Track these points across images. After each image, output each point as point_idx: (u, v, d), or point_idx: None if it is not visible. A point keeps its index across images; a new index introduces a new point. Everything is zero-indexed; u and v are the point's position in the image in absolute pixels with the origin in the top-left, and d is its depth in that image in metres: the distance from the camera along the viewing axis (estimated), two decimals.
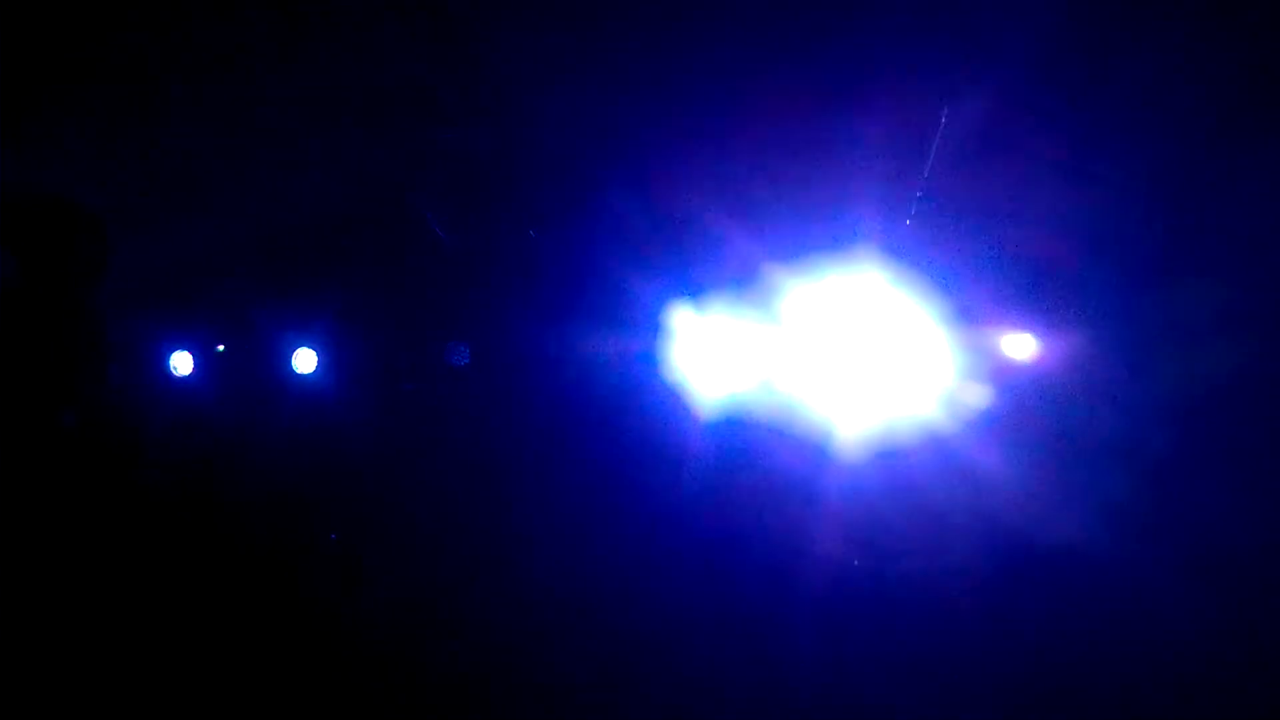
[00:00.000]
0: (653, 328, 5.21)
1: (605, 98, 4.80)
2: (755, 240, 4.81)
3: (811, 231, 4.55)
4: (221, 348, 6.29)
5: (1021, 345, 4.26)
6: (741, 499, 4.94)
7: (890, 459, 3.53)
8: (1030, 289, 4.21)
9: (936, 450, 3.47)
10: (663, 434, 5.16)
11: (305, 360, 6.06)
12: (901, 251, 4.00)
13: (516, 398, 3.71)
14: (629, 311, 5.52)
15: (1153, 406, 3.86)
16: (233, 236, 5.95)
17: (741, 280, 5.08)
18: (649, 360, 5.19)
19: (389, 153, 5.18)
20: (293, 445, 5.62)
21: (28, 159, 4.74)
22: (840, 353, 4.14)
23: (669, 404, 4.99)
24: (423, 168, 5.26)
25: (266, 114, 5.09)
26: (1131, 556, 3.61)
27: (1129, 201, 4.36)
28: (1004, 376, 3.96)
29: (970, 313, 3.98)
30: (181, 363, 6.27)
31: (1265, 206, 4.16)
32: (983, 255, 4.13)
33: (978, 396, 3.69)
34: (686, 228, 5.18)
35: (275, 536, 4.49)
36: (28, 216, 3.37)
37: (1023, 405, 3.76)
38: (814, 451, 3.96)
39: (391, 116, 5.00)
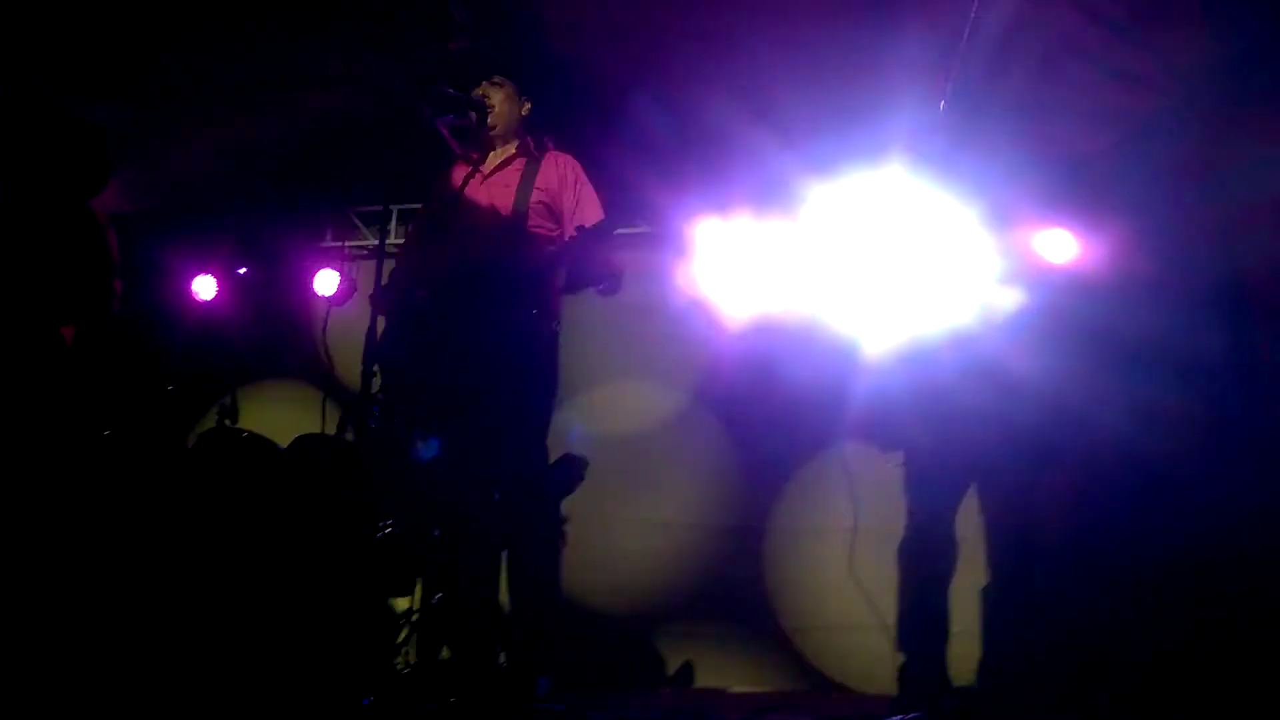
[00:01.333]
0: (679, 241, 5.13)
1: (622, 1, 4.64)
2: (782, 146, 4.67)
3: (839, 135, 4.40)
4: (244, 270, 6.30)
5: (1057, 242, 4.10)
6: (768, 410, 4.90)
7: (920, 365, 3.44)
8: (1067, 184, 4.05)
9: (967, 356, 3.37)
10: (691, 347, 5.12)
11: (326, 282, 6.06)
12: (931, 153, 3.84)
13: (542, 313, 3.63)
14: (654, 225, 5.44)
15: (1194, 304, 3.73)
16: (248, 156, 5.92)
17: (769, 188, 4.96)
18: (674, 274, 5.13)
19: (401, 65, 5.05)
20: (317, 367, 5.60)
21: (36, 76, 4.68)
22: (869, 259, 4.02)
23: (697, 317, 4.94)
24: (435, 80, 5.14)
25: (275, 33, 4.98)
26: (1170, 461, 3.51)
27: (1169, 95, 4.17)
28: (1038, 277, 3.84)
29: (1004, 213, 3.83)
30: (204, 287, 6.29)
31: None
32: (1016, 153, 3.97)
33: (1010, 299, 3.57)
34: (709, 136, 5.05)
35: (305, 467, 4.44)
36: (23, 125, 3.31)
37: (1058, 306, 3.64)
38: (843, 360, 3.88)
39: (402, 29, 4.87)
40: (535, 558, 3.63)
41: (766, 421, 5.05)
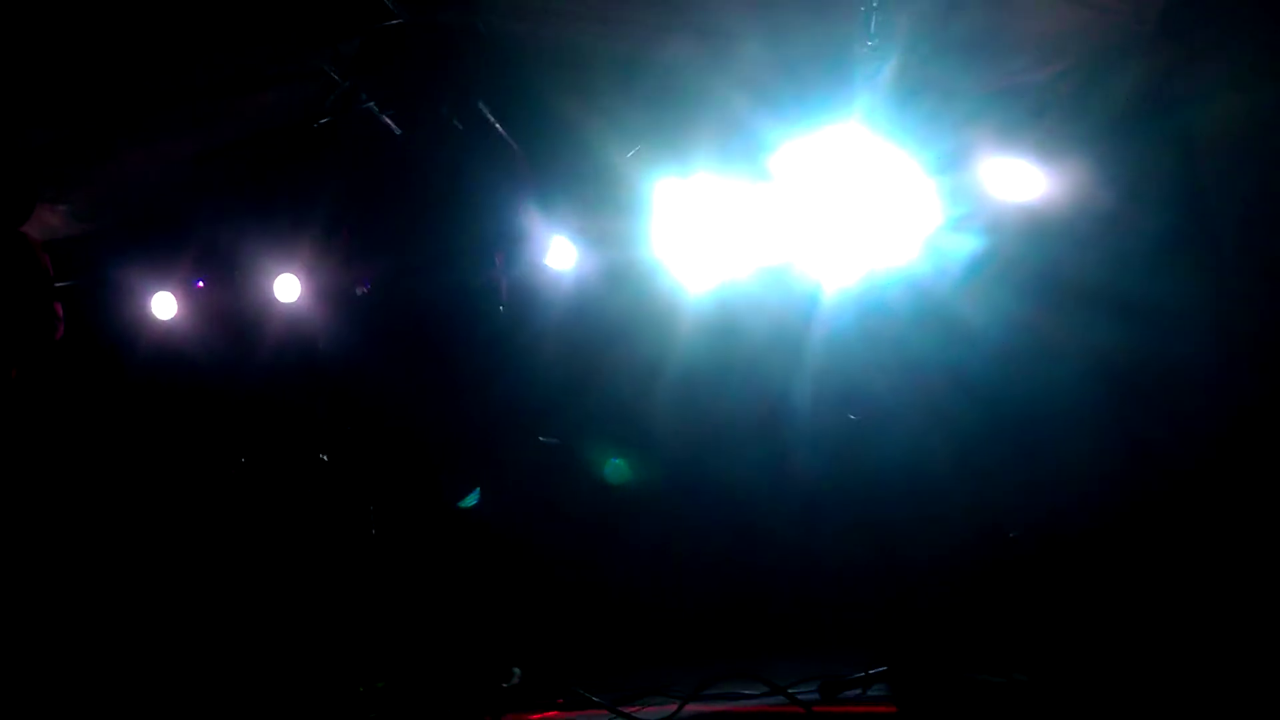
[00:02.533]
0: (636, 203, 5.02)
1: None
2: (742, 97, 4.55)
3: (797, 83, 4.28)
4: (201, 283, 6.19)
5: (1014, 179, 3.99)
6: (730, 362, 4.80)
7: (875, 313, 3.35)
8: (1025, 118, 3.93)
9: (921, 301, 3.27)
10: (652, 306, 5.01)
11: (287, 287, 5.94)
12: (886, 99, 3.73)
13: (502, 285, 3.54)
14: (612, 190, 5.33)
15: (1154, 245, 3.60)
16: (196, 163, 5.81)
17: (726, 142, 4.85)
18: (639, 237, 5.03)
19: (340, 58, 4.94)
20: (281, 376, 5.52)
21: None
22: (824, 208, 3.92)
23: (658, 277, 4.83)
24: (377, 70, 5.04)
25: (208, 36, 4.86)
26: (1119, 407, 3.41)
27: (1124, 16, 4.04)
28: (993, 220, 3.73)
29: (960, 155, 3.72)
30: (163, 305, 6.18)
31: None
32: (973, 90, 3.85)
33: (964, 244, 3.48)
34: (667, 93, 4.94)
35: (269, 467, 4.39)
36: None
37: (1013, 250, 3.53)
38: (801, 310, 3.79)
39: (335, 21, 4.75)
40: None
41: (726, 379, 4.95)
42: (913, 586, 3.21)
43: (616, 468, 4.48)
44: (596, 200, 5.14)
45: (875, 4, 3.26)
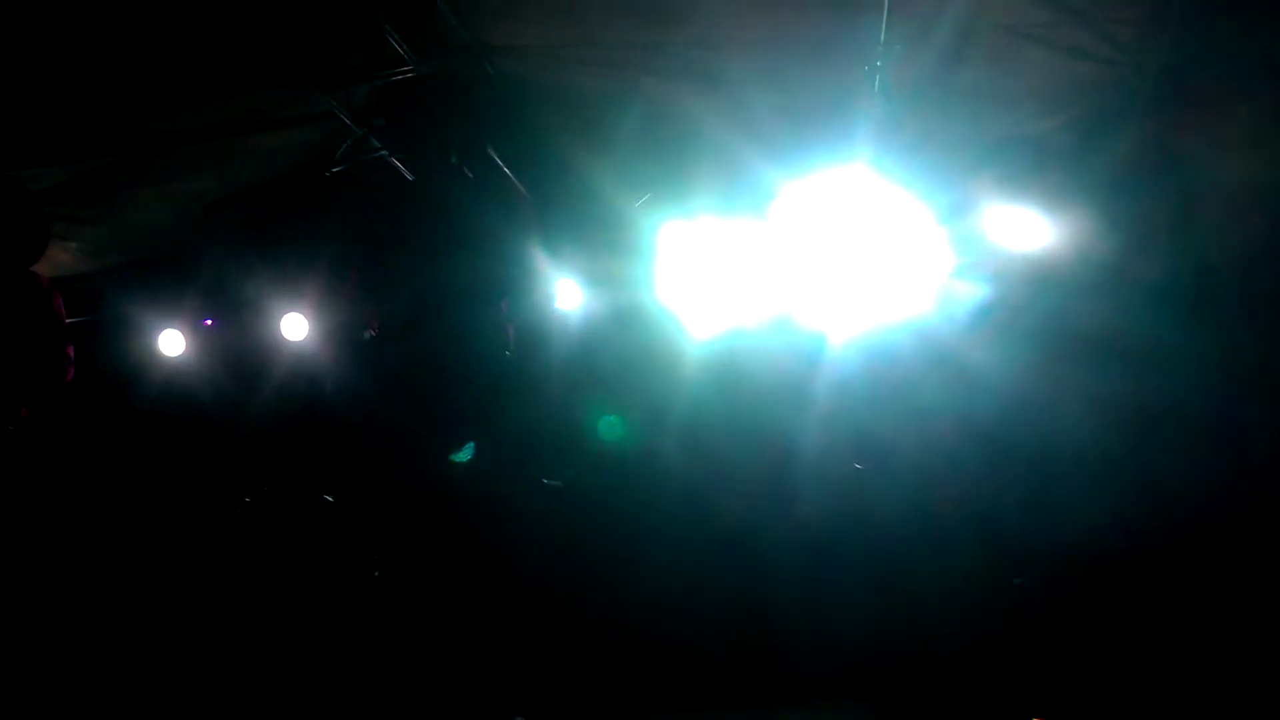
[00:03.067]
0: (646, 247, 5.06)
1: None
2: (748, 145, 4.60)
3: (802, 131, 4.33)
4: (209, 321, 6.23)
5: (1018, 228, 4.03)
6: (736, 407, 4.80)
7: (882, 360, 3.37)
8: (1029, 168, 3.98)
9: (928, 348, 3.29)
10: (658, 350, 5.03)
11: (294, 326, 5.98)
12: (892, 148, 3.78)
13: (510, 329, 3.57)
14: (617, 233, 5.37)
15: (1156, 294, 3.64)
16: (206, 211, 5.87)
17: (734, 189, 4.89)
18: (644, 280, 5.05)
19: (353, 100, 5.01)
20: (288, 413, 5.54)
21: None
22: (831, 256, 3.96)
23: (663, 321, 4.86)
24: (385, 111, 5.10)
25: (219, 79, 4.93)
26: (1130, 452, 3.42)
27: (1126, 75, 4.11)
28: (998, 268, 3.77)
29: (965, 204, 3.76)
30: (171, 342, 6.21)
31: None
32: (977, 141, 3.90)
33: (970, 291, 3.50)
34: (675, 140, 4.99)
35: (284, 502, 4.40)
36: None
37: (1018, 297, 3.56)
38: (807, 356, 3.81)
39: (342, 63, 4.83)
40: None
41: (733, 425, 4.96)
42: (922, 635, 3.21)
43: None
44: (602, 244, 5.19)
45: (879, 62, 3.31)
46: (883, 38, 3.31)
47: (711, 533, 4.94)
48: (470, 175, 3.68)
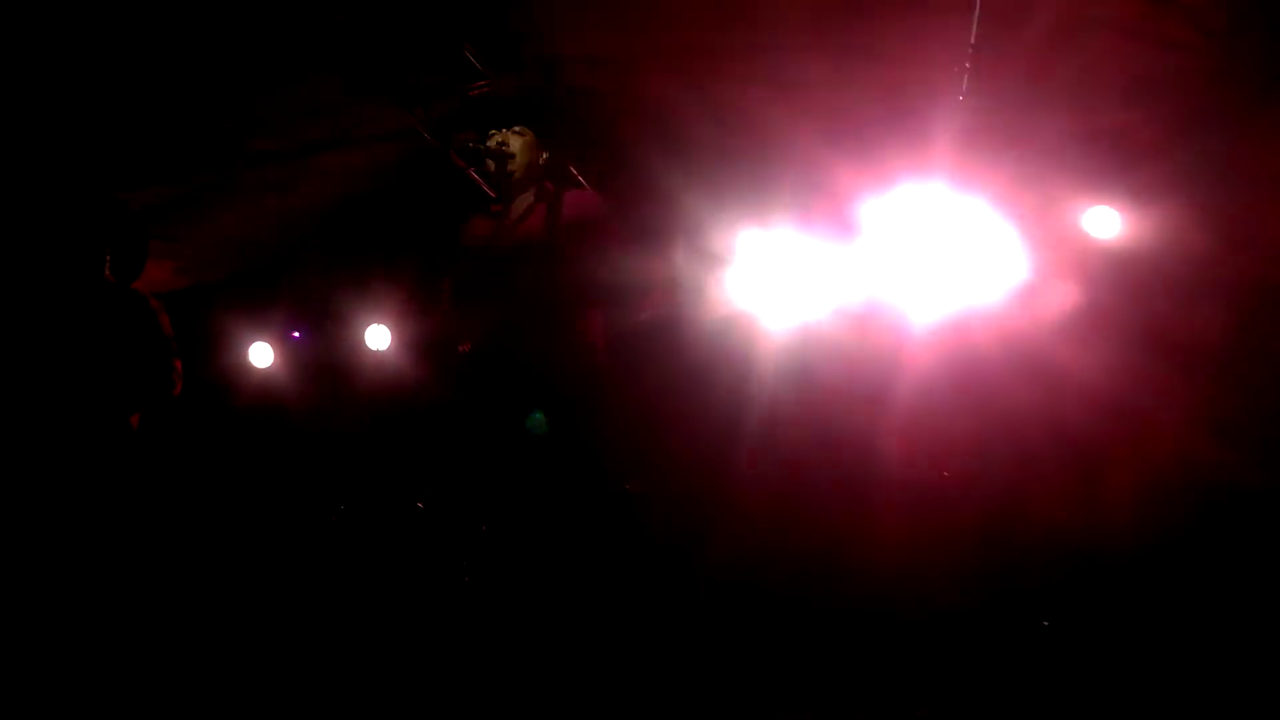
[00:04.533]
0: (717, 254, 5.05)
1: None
2: (822, 147, 4.57)
3: (881, 133, 4.28)
4: (297, 334, 6.42)
5: (1104, 223, 3.92)
6: (813, 413, 4.77)
7: (965, 365, 3.32)
8: (1112, 162, 3.86)
9: (1014, 353, 3.23)
10: (736, 356, 5.02)
11: (378, 337, 6.12)
12: (975, 146, 3.71)
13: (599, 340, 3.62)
14: (696, 242, 5.38)
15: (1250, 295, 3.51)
16: (291, 222, 6.06)
17: (810, 193, 4.86)
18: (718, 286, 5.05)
19: (428, 113, 5.12)
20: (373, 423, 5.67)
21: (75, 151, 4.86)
22: (913, 257, 3.91)
23: (740, 329, 4.84)
24: (465, 122, 5.21)
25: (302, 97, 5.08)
26: (1233, 468, 3.29)
27: (1219, 65, 3.97)
28: (1087, 267, 3.67)
29: (1049, 201, 3.68)
30: (261, 354, 6.42)
31: None
32: (1062, 138, 3.81)
33: (1058, 292, 3.43)
34: (748, 146, 4.98)
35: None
36: (71, 213, 3.41)
37: (1108, 299, 3.47)
38: (887, 365, 3.77)
39: (422, 80, 4.93)
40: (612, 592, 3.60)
41: (812, 434, 4.92)
42: (1005, 647, 3.15)
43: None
44: (681, 252, 5.21)
45: (968, 64, 3.27)
46: (973, 40, 3.26)
47: (787, 539, 4.91)
48: (551, 189, 3.74)
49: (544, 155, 3.78)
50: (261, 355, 6.38)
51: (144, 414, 3.41)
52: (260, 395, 6.25)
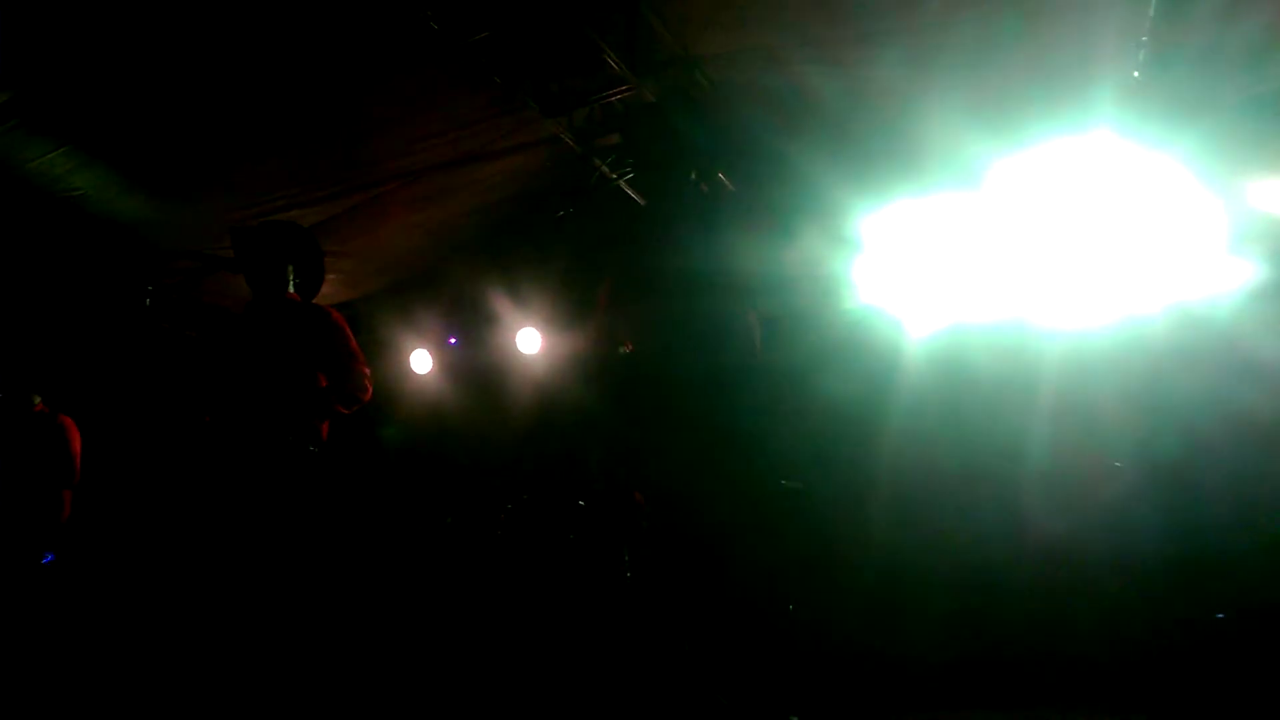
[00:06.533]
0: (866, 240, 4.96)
1: None
2: (968, 123, 4.42)
3: (1036, 103, 4.10)
4: (454, 340, 6.68)
5: None
6: (959, 403, 4.62)
7: (1134, 350, 3.14)
8: None
9: (1192, 336, 3.05)
10: (881, 348, 4.92)
11: (529, 341, 6.31)
12: (1142, 111, 3.49)
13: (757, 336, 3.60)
14: (836, 228, 5.28)
15: None
16: (444, 233, 6.32)
17: (958, 168, 4.71)
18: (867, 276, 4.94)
19: (570, 121, 5.23)
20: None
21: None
22: (1070, 236, 3.73)
23: (886, 318, 4.75)
24: (603, 127, 5.29)
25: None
26: None
27: None
28: (1273, 240, 3.41)
29: (1233, 167, 3.44)
30: (421, 360, 6.71)
31: None
32: (1244, 102, 3.56)
33: (1240, 269, 3.20)
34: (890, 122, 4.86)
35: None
36: (254, 239, 3.67)
37: None
38: (1042, 353, 3.60)
39: (564, 81, 5.03)
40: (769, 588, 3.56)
41: (958, 423, 4.77)
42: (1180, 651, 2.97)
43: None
44: (824, 241, 5.15)
45: (1144, 38, 3.09)
46: (1152, 11, 3.07)
47: (934, 538, 4.78)
48: (705, 188, 3.72)
49: (690, 155, 3.76)
50: (421, 361, 6.68)
51: (342, 418, 3.62)
52: (422, 400, 6.54)
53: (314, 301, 3.85)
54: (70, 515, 4.75)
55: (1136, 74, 3.19)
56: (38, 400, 4.92)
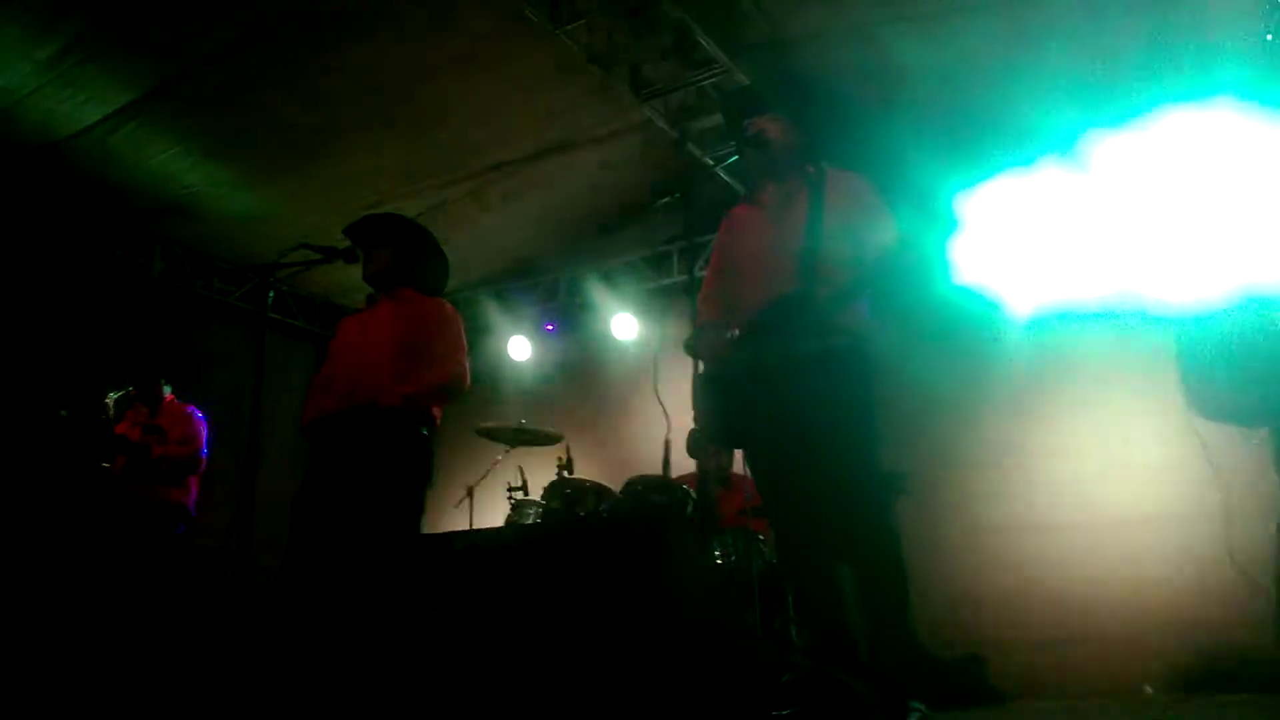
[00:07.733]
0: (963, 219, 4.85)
1: None
2: (1068, 93, 4.29)
3: (1147, 65, 3.96)
4: (551, 326, 6.79)
5: None
6: (1059, 390, 4.48)
7: (1253, 335, 3.01)
8: None
9: None
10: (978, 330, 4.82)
11: (624, 327, 6.37)
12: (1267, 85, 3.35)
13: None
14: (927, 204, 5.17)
15: None
16: (541, 222, 6.43)
17: (1057, 140, 4.58)
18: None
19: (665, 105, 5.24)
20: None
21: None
22: (1184, 212, 3.59)
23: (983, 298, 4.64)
24: (697, 117, 5.29)
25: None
26: None
27: None
28: None
29: None
30: (519, 347, 6.84)
31: None
32: None
33: None
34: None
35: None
36: (376, 227, 3.80)
37: None
38: (1158, 330, 3.46)
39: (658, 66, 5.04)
40: (886, 577, 3.51)
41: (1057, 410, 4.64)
42: None
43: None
44: (920, 220, 5.03)
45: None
46: None
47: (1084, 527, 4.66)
48: (812, 171, 3.63)
49: (801, 137, 3.67)
50: (520, 348, 6.81)
51: (445, 405, 3.75)
52: (519, 385, 6.68)
53: (428, 293, 3.92)
54: (198, 501, 5.00)
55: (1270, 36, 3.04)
56: (168, 391, 5.17)
